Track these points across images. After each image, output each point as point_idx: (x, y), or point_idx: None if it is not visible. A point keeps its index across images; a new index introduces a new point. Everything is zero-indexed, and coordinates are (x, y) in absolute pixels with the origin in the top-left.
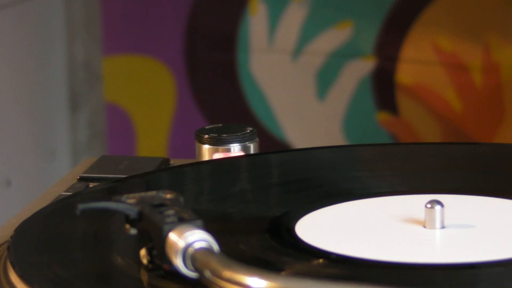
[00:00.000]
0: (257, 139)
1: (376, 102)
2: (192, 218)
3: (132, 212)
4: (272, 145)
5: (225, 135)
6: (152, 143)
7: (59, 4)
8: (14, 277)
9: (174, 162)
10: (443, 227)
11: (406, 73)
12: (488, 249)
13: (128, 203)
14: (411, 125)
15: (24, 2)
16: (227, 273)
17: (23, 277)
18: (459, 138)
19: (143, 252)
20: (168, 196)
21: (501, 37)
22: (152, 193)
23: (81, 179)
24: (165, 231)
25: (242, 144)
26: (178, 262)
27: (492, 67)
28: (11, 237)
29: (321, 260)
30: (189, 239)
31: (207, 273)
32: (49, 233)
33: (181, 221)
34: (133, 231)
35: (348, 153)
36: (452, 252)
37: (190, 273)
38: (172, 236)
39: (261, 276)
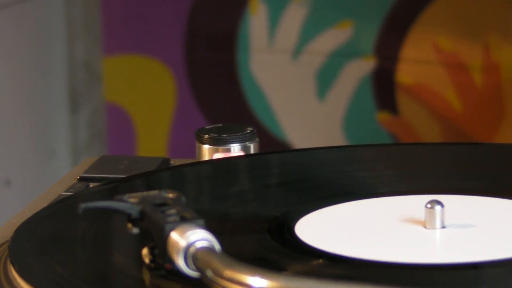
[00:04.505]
0: (257, 139)
1: (376, 102)
2: (193, 218)
3: (134, 211)
4: (272, 145)
5: (225, 135)
6: (152, 143)
7: (59, 4)
8: (14, 277)
9: (174, 162)
10: (443, 227)
11: (406, 73)
12: (488, 249)
13: (130, 202)
14: (411, 125)
15: (24, 2)
16: (229, 273)
17: (23, 277)
18: (459, 138)
19: (145, 251)
20: (170, 195)
21: (501, 37)
22: (154, 192)
23: (81, 179)
24: (167, 230)
25: (242, 144)
26: (180, 262)
27: (492, 67)
28: (12, 237)
29: (321, 260)
30: (190, 239)
31: (209, 273)
32: (49, 233)
33: (183, 220)
34: (135, 231)
35: (348, 153)
36: (453, 252)
37: (192, 273)
38: (174, 236)
39: (262, 275)
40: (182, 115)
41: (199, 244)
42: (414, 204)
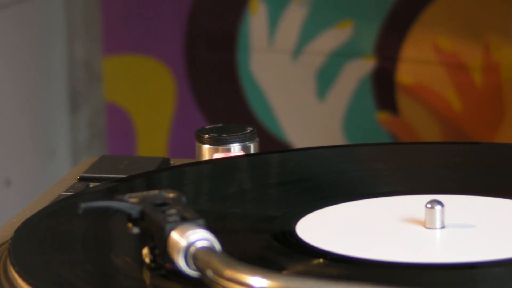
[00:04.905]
0: (257, 139)
1: (376, 102)
2: (194, 217)
3: (134, 211)
4: (272, 145)
5: (225, 135)
6: (152, 143)
7: (59, 4)
8: (14, 277)
9: (174, 162)
10: (443, 227)
11: (406, 73)
12: (488, 249)
13: (130, 202)
14: (411, 125)
15: (24, 2)
16: (229, 272)
17: (23, 277)
18: (459, 138)
19: (145, 251)
20: (171, 195)
21: (501, 37)
22: (155, 192)
23: (81, 179)
24: (167, 230)
25: (242, 144)
26: (180, 261)
27: (492, 67)
28: (12, 237)
29: (321, 260)
30: (191, 238)
31: (209, 272)
32: (49, 233)
33: (183, 220)
34: (135, 230)
35: (348, 153)
36: (452, 252)
37: (192, 272)
38: (174, 235)
39: (263, 275)
40: (182, 115)
41: (199, 244)
42: (414, 204)
